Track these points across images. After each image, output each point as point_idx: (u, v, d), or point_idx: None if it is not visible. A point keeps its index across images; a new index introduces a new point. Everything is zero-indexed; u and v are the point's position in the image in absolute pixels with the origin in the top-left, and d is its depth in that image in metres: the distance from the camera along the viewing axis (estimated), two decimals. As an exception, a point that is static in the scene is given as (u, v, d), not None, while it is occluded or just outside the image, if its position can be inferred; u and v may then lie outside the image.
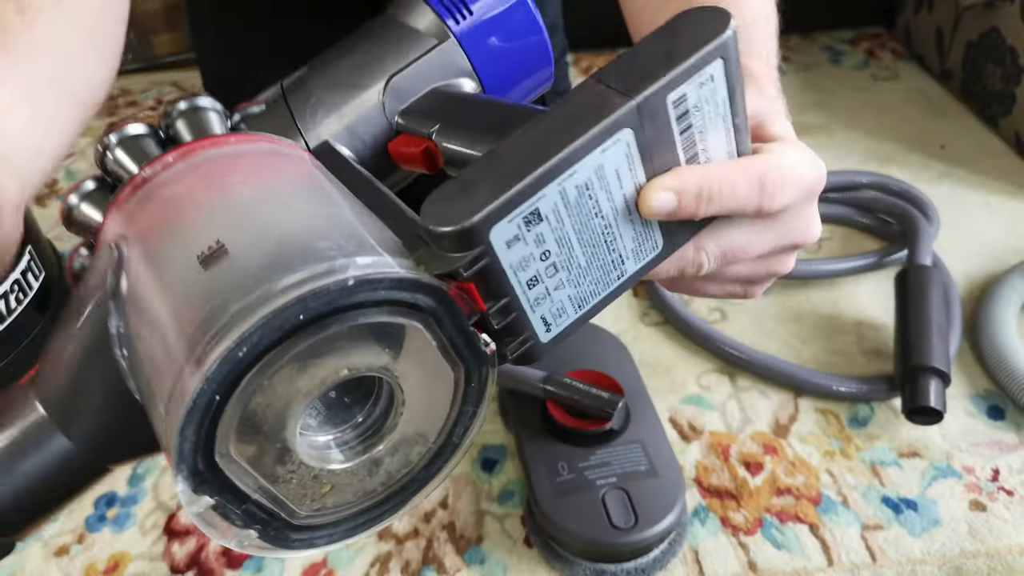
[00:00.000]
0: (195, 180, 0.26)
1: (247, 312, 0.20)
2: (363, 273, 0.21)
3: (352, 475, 0.25)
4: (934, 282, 0.64)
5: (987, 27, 0.93)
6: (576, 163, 0.24)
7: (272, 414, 0.22)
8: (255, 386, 0.21)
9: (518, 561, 0.53)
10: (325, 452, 0.25)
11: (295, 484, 0.24)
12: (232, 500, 0.23)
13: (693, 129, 0.27)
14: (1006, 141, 0.92)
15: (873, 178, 0.80)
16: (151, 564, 0.55)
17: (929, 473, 0.57)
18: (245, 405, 0.21)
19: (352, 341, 0.22)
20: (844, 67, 1.11)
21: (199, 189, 0.26)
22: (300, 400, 0.22)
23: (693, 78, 0.25)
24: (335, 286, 0.21)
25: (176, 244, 0.24)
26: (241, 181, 0.26)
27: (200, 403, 0.20)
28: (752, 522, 0.55)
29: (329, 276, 0.21)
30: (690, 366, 0.67)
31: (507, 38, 0.32)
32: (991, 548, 0.52)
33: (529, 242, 0.24)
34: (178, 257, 0.23)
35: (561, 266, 0.26)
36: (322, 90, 0.31)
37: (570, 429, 0.54)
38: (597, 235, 0.26)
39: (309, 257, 0.21)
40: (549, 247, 0.25)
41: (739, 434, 0.61)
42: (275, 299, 0.20)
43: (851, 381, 0.62)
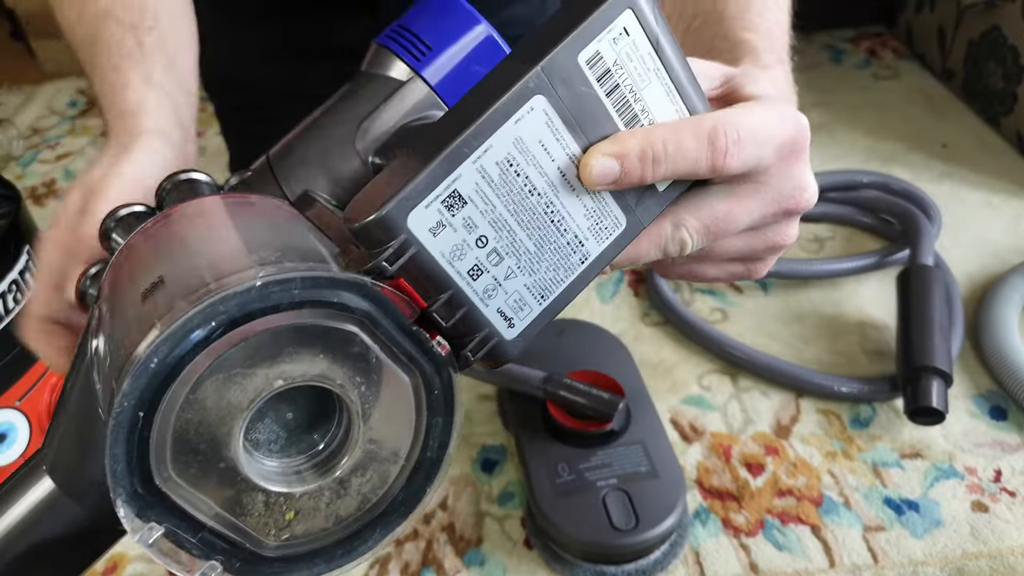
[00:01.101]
0: (161, 234, 0.26)
1: (161, 327, 0.20)
2: (272, 275, 0.20)
3: (317, 499, 0.23)
4: (936, 282, 0.64)
5: (988, 26, 0.92)
6: (487, 137, 0.23)
7: (208, 431, 0.21)
8: (181, 401, 0.20)
9: (518, 563, 0.53)
10: (281, 475, 0.23)
11: (253, 510, 0.23)
12: (185, 527, 0.22)
13: (622, 88, 0.25)
14: (1007, 140, 0.91)
15: (874, 178, 0.80)
16: (149, 566, 0.55)
17: (931, 474, 0.57)
18: (175, 422, 0.21)
19: (282, 349, 0.21)
20: (845, 66, 1.11)
21: (161, 240, 0.26)
22: (237, 415, 0.21)
23: (602, 34, 0.24)
24: (242, 288, 0.20)
25: (128, 292, 0.23)
26: (201, 224, 0.26)
27: (123, 420, 0.20)
28: (753, 523, 0.54)
29: (240, 283, 0.20)
30: (691, 366, 0.67)
31: (471, 65, 0.33)
32: (993, 549, 0.52)
33: (457, 228, 0.23)
34: (127, 302, 0.23)
35: (505, 252, 0.24)
36: (301, 147, 0.32)
37: (570, 430, 0.53)
38: (539, 215, 0.25)
39: (228, 271, 0.21)
40: (484, 232, 0.24)
41: (740, 435, 0.61)
42: (186, 310, 0.20)
43: (853, 381, 0.62)
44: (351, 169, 0.31)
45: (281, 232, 0.25)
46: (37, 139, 1.15)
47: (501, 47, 0.33)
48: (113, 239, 0.30)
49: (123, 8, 0.39)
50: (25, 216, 0.62)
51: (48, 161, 1.10)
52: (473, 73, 0.32)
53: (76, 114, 1.20)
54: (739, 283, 0.75)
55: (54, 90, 1.26)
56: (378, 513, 0.25)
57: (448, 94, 0.32)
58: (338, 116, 0.32)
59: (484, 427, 0.62)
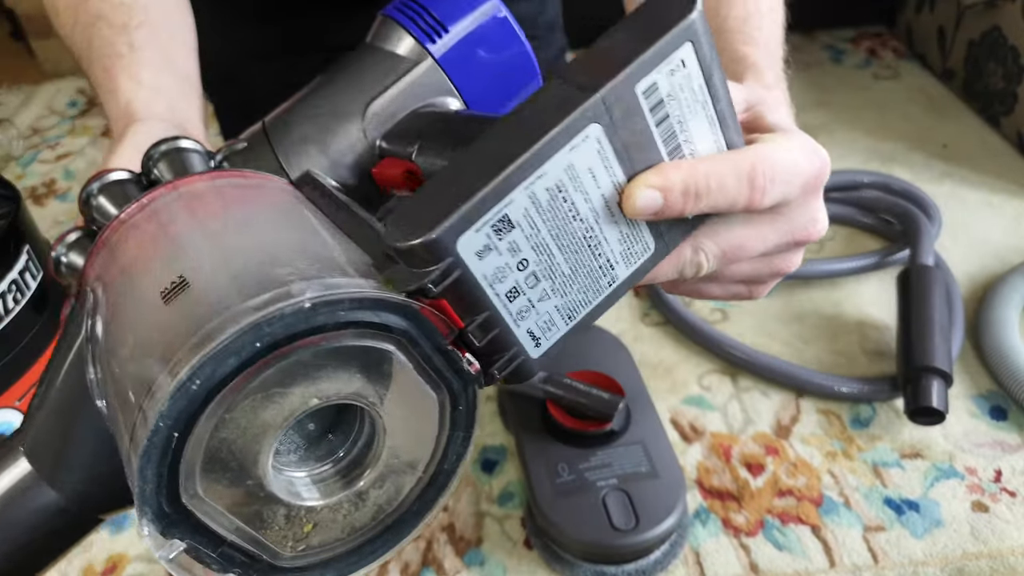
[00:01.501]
0: (164, 217, 0.26)
1: (200, 344, 0.19)
2: (321, 294, 0.20)
3: (336, 511, 0.23)
4: (936, 282, 0.64)
5: (989, 26, 0.92)
6: (542, 164, 0.23)
7: (240, 449, 0.21)
8: (216, 421, 0.20)
9: (518, 563, 0.53)
10: (304, 488, 0.23)
11: (274, 523, 0.23)
12: (206, 543, 0.21)
13: (671, 119, 0.25)
14: (1008, 140, 0.91)
15: (875, 178, 0.80)
16: (149, 565, 0.55)
17: (931, 474, 0.57)
18: (208, 441, 0.20)
19: (319, 368, 0.21)
20: (846, 66, 1.11)
21: (166, 226, 0.25)
22: (270, 433, 0.21)
23: (661, 65, 0.24)
24: (290, 310, 0.20)
25: (142, 282, 0.23)
26: (208, 214, 0.25)
27: (157, 441, 0.19)
28: (753, 523, 0.54)
29: (285, 300, 0.20)
30: (691, 366, 0.67)
31: (488, 53, 0.31)
32: (993, 549, 0.52)
33: (503, 251, 0.23)
34: (143, 295, 0.22)
35: (543, 275, 0.24)
36: (302, 123, 0.31)
37: (570, 430, 0.53)
38: (579, 240, 0.25)
39: (267, 284, 0.20)
40: (526, 255, 0.24)
41: (740, 435, 0.61)
42: (228, 329, 0.19)
43: (853, 381, 0.62)
44: (356, 151, 0.30)
45: (308, 234, 0.25)
46: (37, 139, 1.15)
47: (514, 29, 0.32)
48: (95, 206, 0.29)
49: (113, 9, 0.39)
50: (25, 216, 0.62)
51: (48, 161, 1.10)
52: (483, 58, 0.31)
53: (76, 114, 1.20)
54: (739, 283, 0.75)
55: (54, 90, 1.26)
56: (390, 522, 0.25)
57: (458, 77, 0.31)
58: (343, 93, 0.31)
59: (484, 427, 0.62)
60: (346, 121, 0.30)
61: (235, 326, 0.19)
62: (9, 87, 1.26)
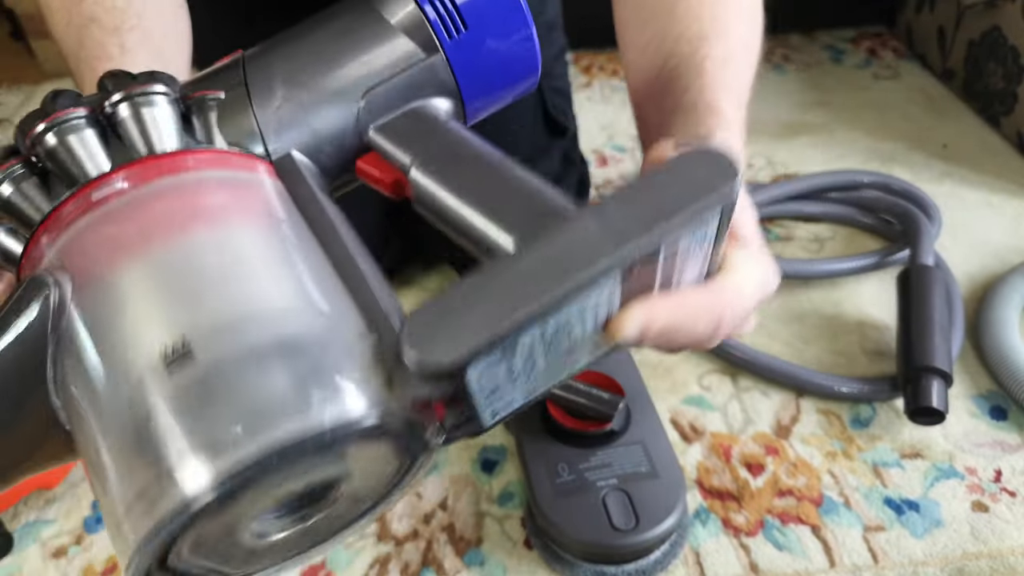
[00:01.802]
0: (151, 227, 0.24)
1: (216, 465, 0.20)
2: (342, 425, 0.21)
3: (289, 540, 0.25)
4: (936, 282, 0.64)
5: (989, 26, 0.92)
6: (561, 309, 0.24)
7: (226, 530, 0.22)
8: (213, 518, 0.21)
9: (518, 563, 0.53)
10: (267, 530, 0.24)
11: (238, 557, 0.24)
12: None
13: (676, 260, 0.26)
14: (1008, 140, 0.91)
15: (875, 178, 0.80)
16: (149, 565, 0.55)
17: (931, 474, 0.57)
18: (198, 529, 0.21)
19: (312, 465, 0.22)
20: (846, 66, 1.11)
21: (157, 244, 0.23)
22: (256, 515, 0.23)
23: (692, 226, 0.25)
24: (313, 443, 0.20)
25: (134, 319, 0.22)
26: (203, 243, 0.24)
27: (158, 542, 0.20)
28: (753, 523, 0.54)
29: (306, 429, 0.20)
30: (691, 366, 0.67)
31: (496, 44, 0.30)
32: (993, 549, 0.52)
33: (501, 367, 0.24)
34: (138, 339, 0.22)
35: (522, 375, 0.26)
36: (290, 88, 0.28)
37: (570, 430, 0.53)
38: (562, 351, 0.26)
39: (286, 402, 0.20)
40: (517, 366, 0.25)
41: (740, 435, 0.61)
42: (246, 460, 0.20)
43: (853, 381, 0.62)
44: (344, 136, 0.29)
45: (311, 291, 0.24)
46: (37, 139, 1.15)
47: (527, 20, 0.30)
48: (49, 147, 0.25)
49: (106, 11, 0.38)
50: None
51: (48, 161, 1.10)
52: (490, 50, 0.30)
53: (76, 114, 1.20)
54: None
55: (54, 90, 1.26)
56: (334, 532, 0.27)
57: (463, 75, 0.30)
58: (343, 72, 0.28)
59: (484, 427, 0.62)
60: (342, 103, 0.28)
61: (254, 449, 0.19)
62: (9, 87, 1.26)
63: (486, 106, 0.32)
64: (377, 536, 0.55)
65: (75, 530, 0.57)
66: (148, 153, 0.26)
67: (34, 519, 0.58)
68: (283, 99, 0.28)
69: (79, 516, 0.58)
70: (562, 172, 0.72)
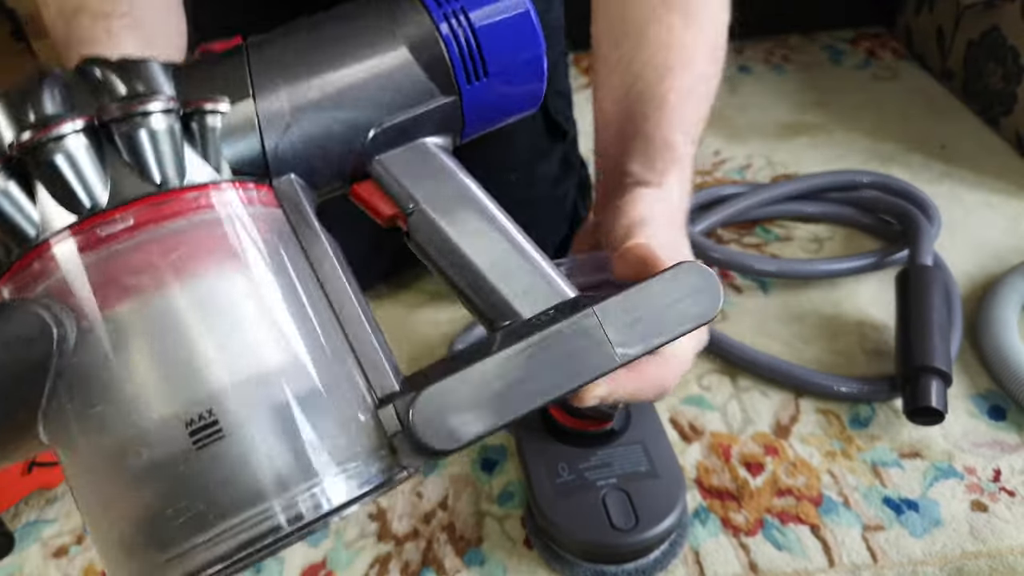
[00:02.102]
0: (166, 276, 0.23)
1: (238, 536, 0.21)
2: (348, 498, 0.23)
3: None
4: (935, 282, 0.64)
5: (988, 26, 0.92)
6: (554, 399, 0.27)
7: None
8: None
9: (518, 562, 0.53)
10: None
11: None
12: None
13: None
14: (1007, 141, 0.92)
15: (874, 178, 0.80)
16: (150, 565, 0.55)
17: (930, 473, 0.57)
18: None
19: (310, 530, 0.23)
20: (845, 67, 1.11)
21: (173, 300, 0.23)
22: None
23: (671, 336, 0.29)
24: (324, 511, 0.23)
25: (156, 380, 0.22)
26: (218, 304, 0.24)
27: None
28: (753, 523, 0.54)
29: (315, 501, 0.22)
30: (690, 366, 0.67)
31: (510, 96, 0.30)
32: (993, 549, 0.52)
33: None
34: (160, 408, 0.22)
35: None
36: (300, 108, 0.27)
37: (570, 429, 0.53)
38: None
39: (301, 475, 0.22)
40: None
41: (740, 435, 0.61)
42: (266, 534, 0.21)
43: (852, 381, 0.62)
44: (347, 161, 0.28)
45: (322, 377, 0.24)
46: (37, 139, 1.15)
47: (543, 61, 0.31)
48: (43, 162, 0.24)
49: (98, 1, 0.38)
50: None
51: (48, 161, 1.10)
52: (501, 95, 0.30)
53: (76, 114, 1.20)
54: (738, 283, 0.75)
55: (54, 90, 1.26)
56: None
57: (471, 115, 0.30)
58: (358, 103, 0.27)
59: (484, 427, 0.62)
60: (351, 134, 0.28)
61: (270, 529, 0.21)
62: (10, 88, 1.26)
63: (480, 132, 0.32)
64: (377, 536, 0.55)
65: (76, 530, 0.57)
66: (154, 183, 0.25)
67: (35, 519, 0.58)
68: (292, 122, 0.27)
69: (79, 516, 0.58)
70: (561, 175, 0.72)
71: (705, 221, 0.76)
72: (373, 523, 0.56)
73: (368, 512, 0.57)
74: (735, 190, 0.82)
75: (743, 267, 0.72)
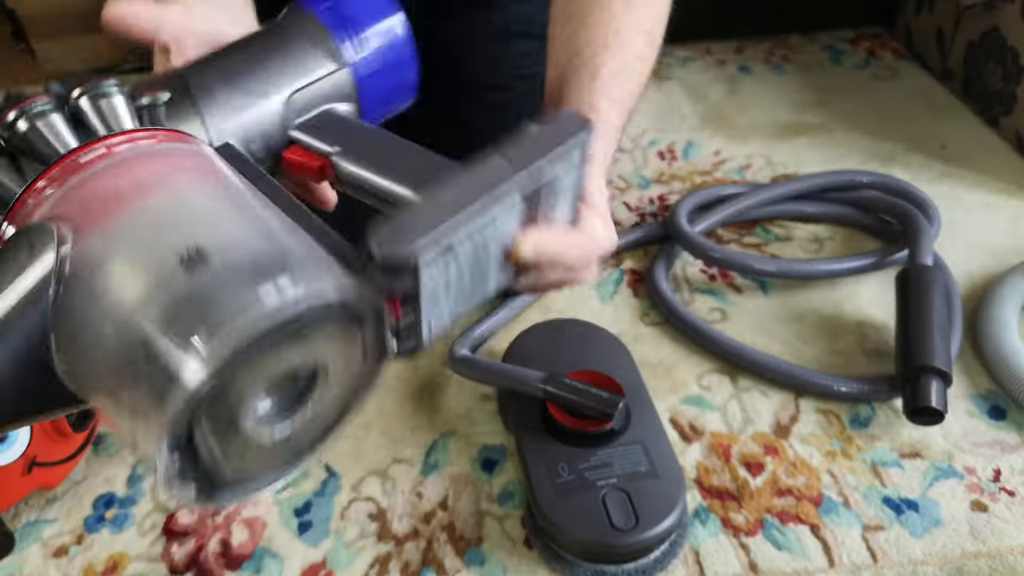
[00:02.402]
0: (141, 177, 0.28)
1: (242, 328, 0.23)
2: (341, 297, 0.25)
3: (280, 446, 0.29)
4: (935, 282, 0.64)
5: (988, 27, 0.93)
6: (485, 213, 0.31)
7: (235, 397, 0.25)
8: (231, 378, 0.24)
9: (518, 562, 0.53)
10: (262, 429, 0.28)
11: (235, 454, 0.27)
12: (190, 465, 0.26)
13: (553, 196, 0.34)
14: (1007, 141, 0.92)
15: (874, 178, 0.80)
16: (150, 565, 0.55)
17: (930, 473, 0.57)
18: (220, 392, 0.24)
19: (303, 339, 0.26)
20: (845, 67, 1.11)
21: (151, 188, 0.27)
22: (258, 387, 0.26)
23: (561, 160, 0.33)
24: (316, 306, 0.24)
25: (149, 241, 0.26)
26: (187, 185, 0.28)
27: (200, 391, 0.23)
28: (753, 523, 0.54)
29: (312, 297, 0.24)
30: (691, 366, 0.67)
31: (388, 73, 0.38)
32: (993, 549, 0.52)
33: (441, 270, 0.31)
34: (155, 255, 0.25)
35: (452, 287, 0.32)
36: (226, 91, 0.34)
37: (570, 429, 0.54)
38: (481, 267, 0.33)
39: (293, 275, 0.25)
40: (451, 277, 0.31)
41: (740, 435, 0.61)
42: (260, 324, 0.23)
43: (852, 381, 0.62)
44: (271, 131, 0.34)
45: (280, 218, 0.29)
46: (37, 139, 1.15)
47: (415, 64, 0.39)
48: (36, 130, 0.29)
49: None
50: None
51: (48, 161, 1.10)
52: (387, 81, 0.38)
53: (76, 115, 1.20)
54: (738, 283, 0.75)
55: (54, 91, 1.26)
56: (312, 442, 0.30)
57: (363, 92, 0.37)
58: (272, 77, 0.34)
59: (484, 427, 0.63)
60: (271, 103, 0.34)
61: (267, 320, 0.23)
62: (10, 88, 1.26)
63: (376, 111, 0.39)
64: (377, 536, 0.55)
65: (76, 529, 0.57)
66: (116, 130, 0.30)
67: (35, 518, 0.58)
68: (222, 100, 0.34)
69: (80, 516, 0.58)
70: None
71: (705, 221, 0.76)
72: (373, 523, 0.56)
73: (368, 512, 0.57)
74: (735, 190, 0.82)
75: (743, 267, 0.72)
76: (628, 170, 0.92)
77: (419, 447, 0.61)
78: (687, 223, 0.75)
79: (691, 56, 1.16)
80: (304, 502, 0.58)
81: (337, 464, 0.61)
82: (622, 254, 0.79)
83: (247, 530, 0.56)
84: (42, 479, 0.56)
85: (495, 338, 0.70)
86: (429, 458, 0.61)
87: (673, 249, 0.76)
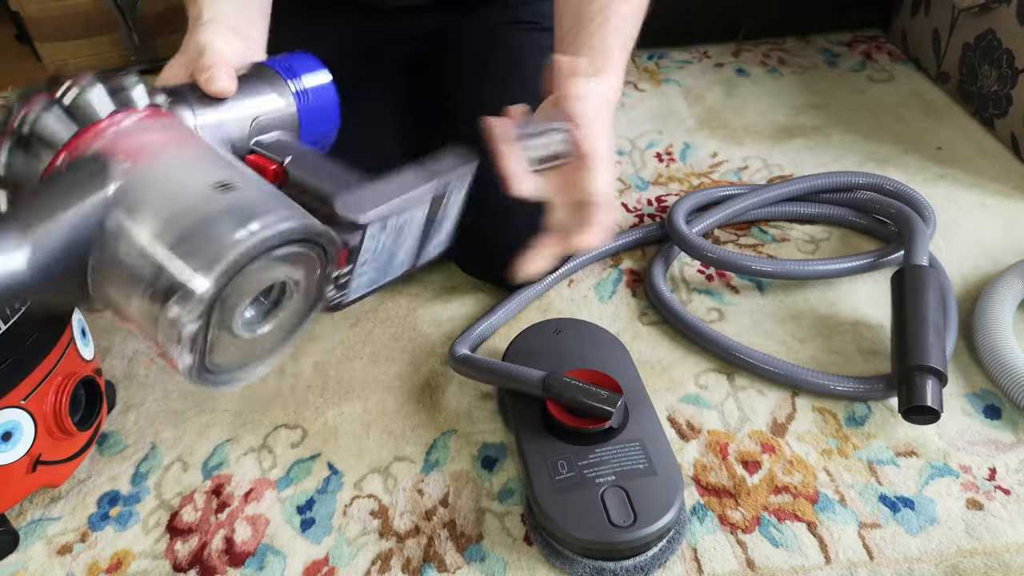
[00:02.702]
0: (168, 135, 0.37)
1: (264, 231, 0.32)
2: (312, 227, 0.34)
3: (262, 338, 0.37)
4: (931, 282, 0.64)
5: (983, 29, 0.93)
6: (412, 204, 0.41)
7: (235, 295, 0.33)
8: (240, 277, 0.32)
9: (518, 559, 0.53)
10: (249, 326, 0.36)
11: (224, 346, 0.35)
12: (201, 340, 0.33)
13: (447, 207, 0.44)
14: (1002, 142, 0.92)
15: (870, 179, 0.81)
16: (154, 562, 0.55)
17: (926, 472, 0.57)
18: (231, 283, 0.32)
19: (285, 260, 0.34)
20: (841, 69, 1.12)
21: (178, 141, 0.37)
22: (251, 291, 0.34)
23: (459, 180, 0.43)
24: (311, 227, 0.34)
25: (189, 173, 0.35)
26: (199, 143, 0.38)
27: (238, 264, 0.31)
28: (750, 520, 0.55)
29: (303, 219, 0.34)
30: (688, 365, 0.67)
31: (320, 119, 0.49)
32: (988, 546, 0.52)
33: (378, 239, 0.40)
34: (195, 182, 0.34)
35: (380, 255, 0.42)
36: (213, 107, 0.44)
37: (569, 427, 0.54)
38: (402, 243, 0.43)
39: (294, 208, 0.35)
40: (380, 246, 0.41)
41: (737, 433, 0.61)
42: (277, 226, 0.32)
43: (848, 380, 0.63)
44: (237, 143, 0.45)
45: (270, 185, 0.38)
46: (39, 141, 1.15)
47: (337, 116, 0.50)
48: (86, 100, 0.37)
49: None
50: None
51: (50, 163, 1.10)
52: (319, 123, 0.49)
53: (78, 117, 1.20)
54: (735, 283, 0.75)
55: (56, 93, 1.26)
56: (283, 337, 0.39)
57: (304, 126, 0.48)
58: (243, 106, 0.45)
59: (484, 425, 0.63)
60: (241, 123, 0.45)
61: (280, 226, 0.33)
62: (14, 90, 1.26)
63: (311, 141, 0.49)
64: (379, 532, 0.56)
65: (80, 527, 0.58)
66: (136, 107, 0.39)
67: (39, 516, 0.59)
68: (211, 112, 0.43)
69: (84, 514, 0.59)
70: None
71: (703, 222, 0.77)
72: (375, 520, 0.57)
73: (370, 509, 0.57)
74: (732, 191, 0.82)
75: (740, 267, 0.73)
76: (627, 172, 0.93)
77: (420, 445, 0.62)
78: (685, 224, 0.76)
79: (689, 59, 1.17)
80: (307, 499, 0.59)
81: (339, 462, 0.61)
82: (620, 254, 0.80)
83: (250, 527, 0.57)
84: (46, 477, 0.57)
85: (495, 337, 0.71)
86: (430, 456, 0.61)
87: (671, 250, 0.77)
